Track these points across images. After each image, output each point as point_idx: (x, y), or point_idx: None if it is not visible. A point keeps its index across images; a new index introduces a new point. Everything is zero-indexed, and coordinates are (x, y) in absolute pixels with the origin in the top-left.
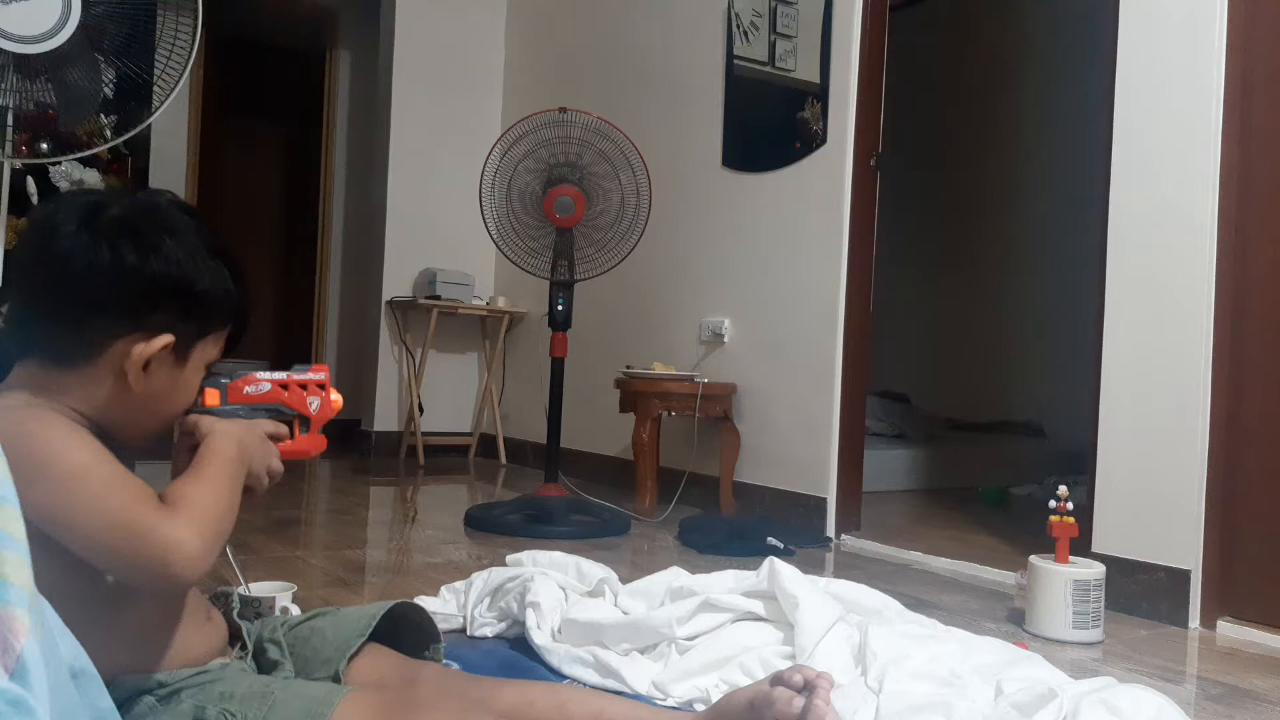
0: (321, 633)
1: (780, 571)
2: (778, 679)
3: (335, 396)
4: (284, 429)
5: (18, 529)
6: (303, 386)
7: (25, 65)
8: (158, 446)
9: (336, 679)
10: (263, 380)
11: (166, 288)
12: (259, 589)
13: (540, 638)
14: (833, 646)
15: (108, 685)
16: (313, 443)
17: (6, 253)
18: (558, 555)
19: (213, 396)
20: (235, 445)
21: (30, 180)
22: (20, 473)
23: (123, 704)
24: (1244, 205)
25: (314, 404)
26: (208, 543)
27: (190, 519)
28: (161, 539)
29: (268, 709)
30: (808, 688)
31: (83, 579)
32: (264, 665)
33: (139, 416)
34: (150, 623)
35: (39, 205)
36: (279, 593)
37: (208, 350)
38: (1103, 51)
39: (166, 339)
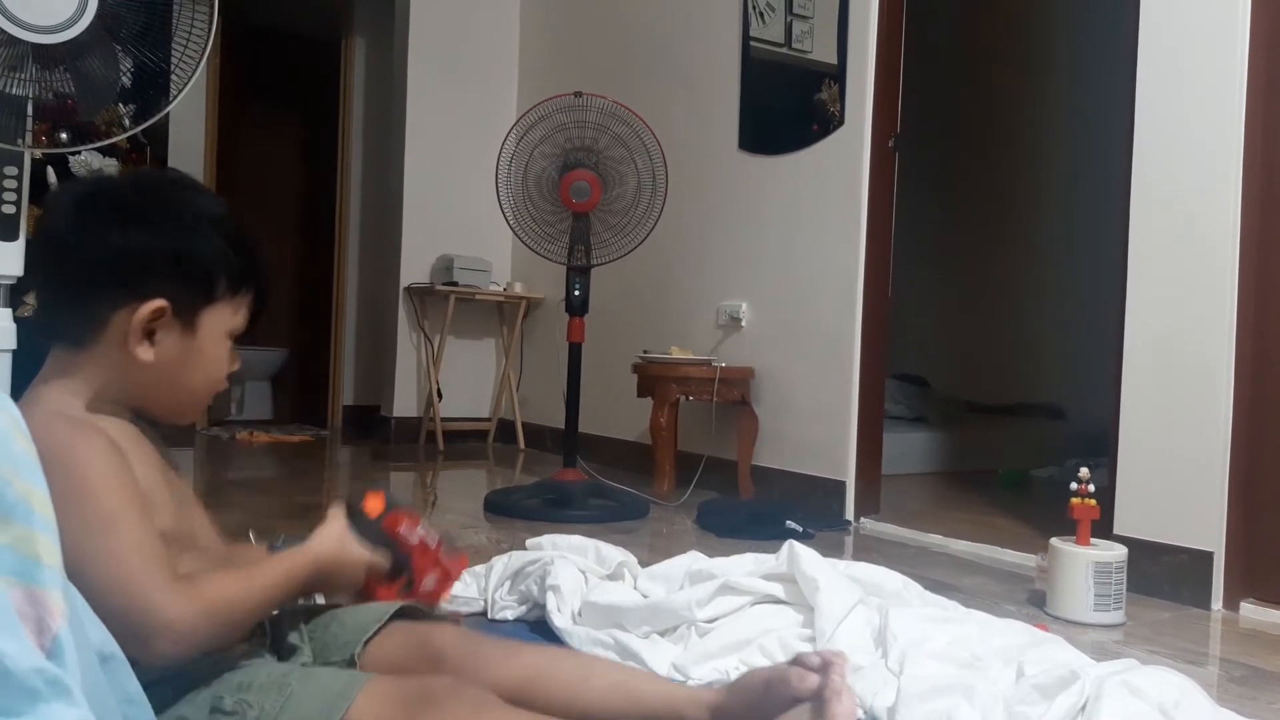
0: (340, 620)
1: (800, 554)
2: (797, 661)
3: (450, 591)
4: (383, 571)
5: (48, 513)
6: (438, 561)
7: (44, 55)
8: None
9: (352, 662)
10: (415, 533)
11: (154, 255)
12: None
13: (561, 620)
14: (853, 629)
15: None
16: (390, 597)
17: (29, 242)
18: (577, 539)
19: (375, 505)
20: (317, 560)
21: (50, 170)
22: (55, 494)
23: (145, 684)
24: (1269, 185)
25: (429, 582)
26: (209, 631)
27: (201, 605)
28: (158, 619)
29: (284, 700)
30: (824, 668)
31: None
32: (284, 652)
33: (164, 391)
34: None
35: (48, 193)
36: None
37: (223, 318)
38: (1124, 30)
39: (158, 303)
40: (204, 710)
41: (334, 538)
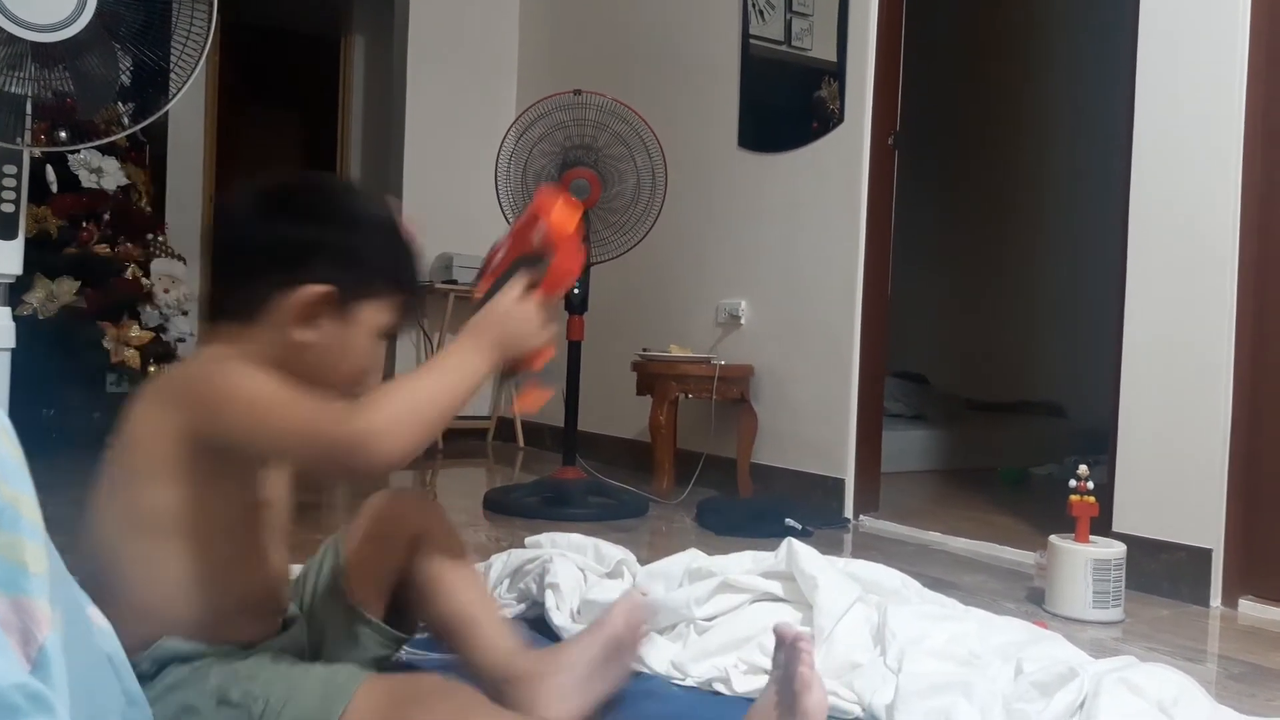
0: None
1: (798, 552)
2: (777, 631)
3: (561, 207)
4: (537, 276)
5: (36, 518)
6: (531, 221)
7: (43, 53)
8: None
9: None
10: (496, 248)
11: (321, 245)
12: None
13: (559, 618)
14: (851, 626)
15: (149, 645)
16: (565, 261)
17: (36, 242)
18: (576, 537)
19: (482, 289)
20: (467, 337)
21: (50, 169)
22: (209, 405)
23: (157, 668)
24: (1268, 181)
25: (540, 230)
26: (401, 428)
27: (379, 410)
28: (346, 433)
29: (289, 690)
30: (791, 652)
31: (189, 522)
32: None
33: (316, 372)
34: (224, 591)
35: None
36: None
37: (377, 315)
38: (1124, 28)
39: (324, 288)
40: (211, 700)
41: (487, 310)
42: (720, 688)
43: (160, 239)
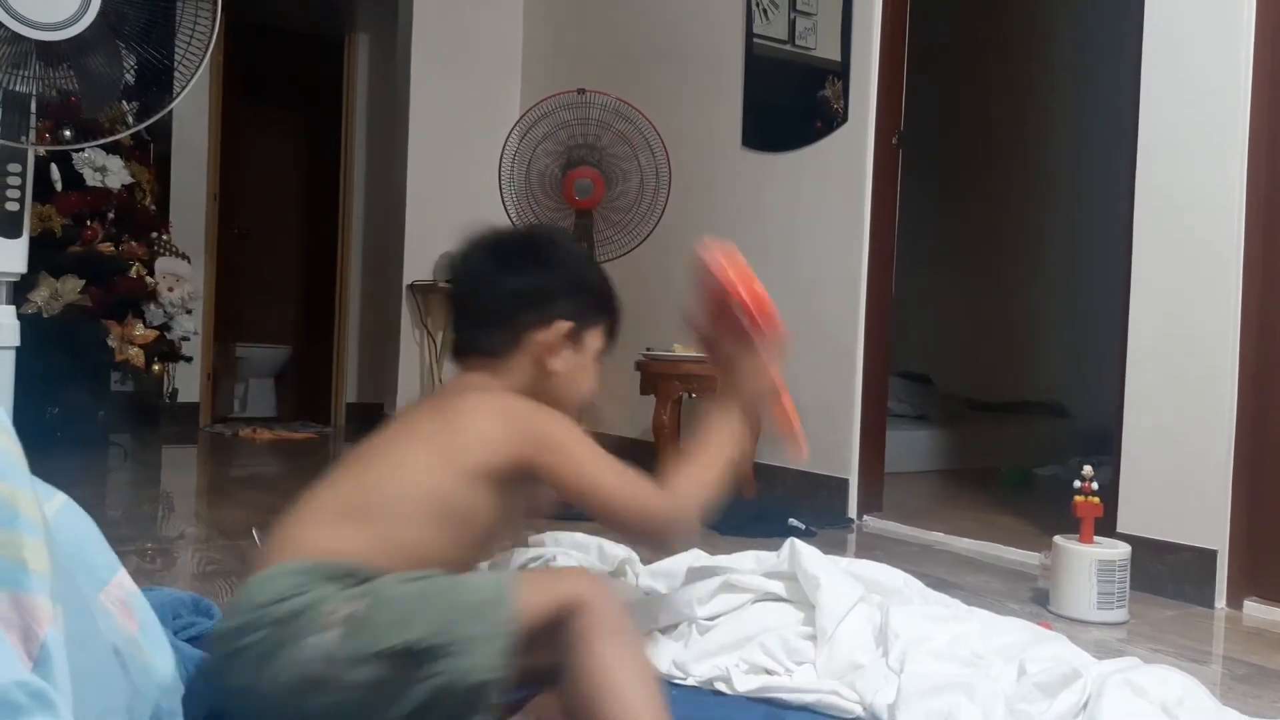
0: None
1: (801, 552)
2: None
3: (731, 267)
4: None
5: (35, 516)
6: (720, 297)
7: (47, 52)
8: None
9: None
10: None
11: (559, 287)
12: None
13: None
14: (854, 627)
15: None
16: (762, 306)
17: (40, 240)
18: (580, 536)
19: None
20: (723, 413)
21: (54, 167)
22: (545, 448)
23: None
24: (1273, 179)
25: (737, 305)
26: (698, 508)
27: (685, 497)
28: (662, 514)
29: (456, 580)
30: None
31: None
32: None
33: (561, 396)
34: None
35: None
36: None
37: (597, 339)
38: (1129, 28)
39: (568, 325)
40: (394, 585)
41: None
42: (722, 687)
43: (164, 237)
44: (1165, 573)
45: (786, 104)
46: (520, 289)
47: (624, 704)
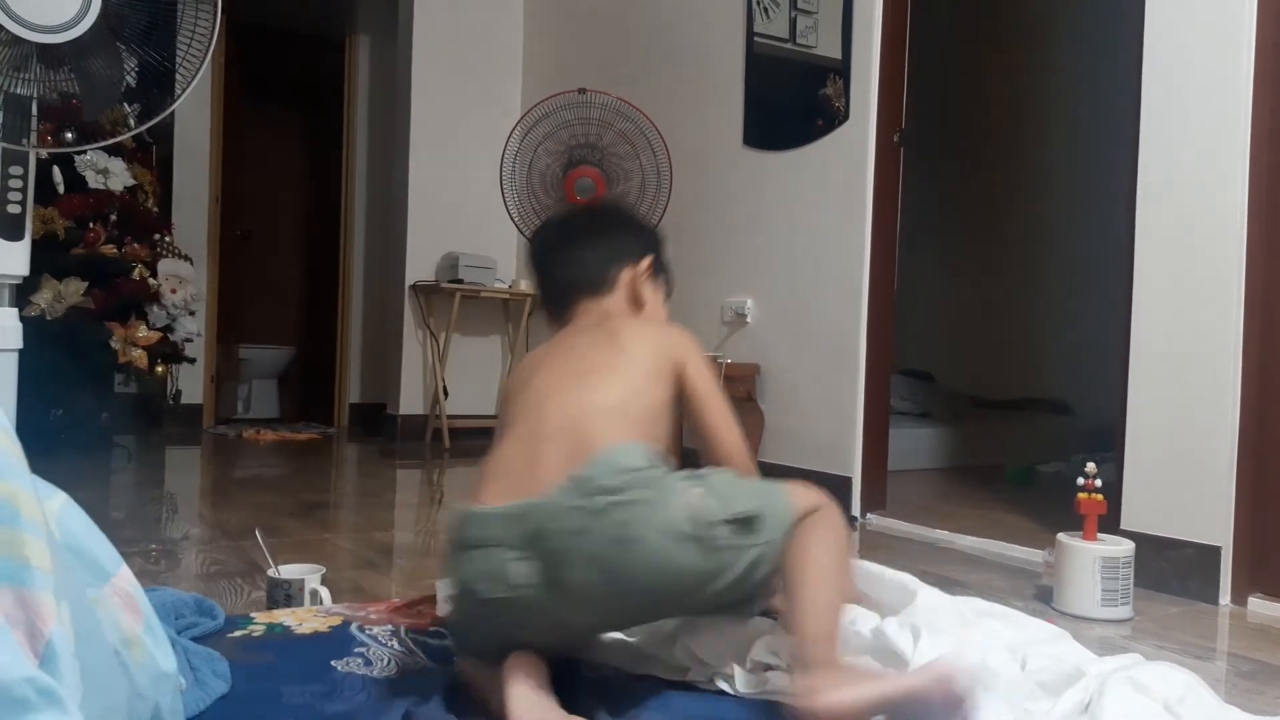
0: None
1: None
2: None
3: None
4: None
5: (35, 514)
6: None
7: (48, 55)
8: None
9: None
10: None
11: (643, 235)
12: (288, 571)
13: None
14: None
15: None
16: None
17: (43, 243)
18: None
19: None
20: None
21: (56, 169)
22: (695, 375)
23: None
24: (1275, 175)
25: None
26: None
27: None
28: (744, 454)
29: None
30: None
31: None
32: None
33: (646, 320)
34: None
35: (553, 214)
36: (308, 574)
37: (662, 279)
38: (1130, 27)
39: (651, 258)
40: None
41: None
42: (724, 686)
43: (167, 239)
44: (1169, 569)
45: (787, 102)
46: (620, 239)
47: (823, 574)
